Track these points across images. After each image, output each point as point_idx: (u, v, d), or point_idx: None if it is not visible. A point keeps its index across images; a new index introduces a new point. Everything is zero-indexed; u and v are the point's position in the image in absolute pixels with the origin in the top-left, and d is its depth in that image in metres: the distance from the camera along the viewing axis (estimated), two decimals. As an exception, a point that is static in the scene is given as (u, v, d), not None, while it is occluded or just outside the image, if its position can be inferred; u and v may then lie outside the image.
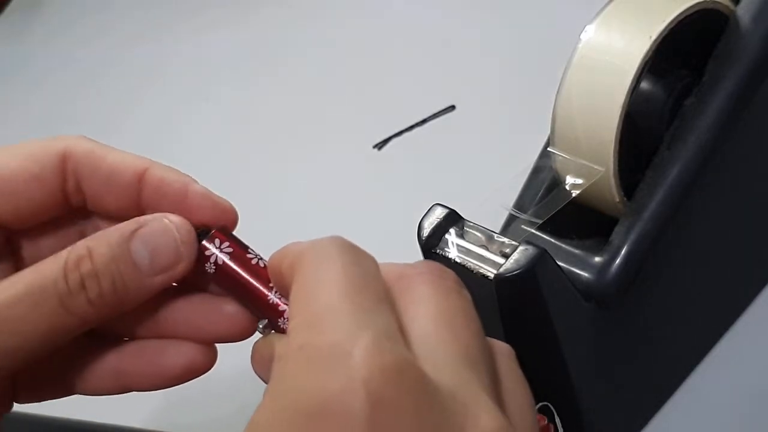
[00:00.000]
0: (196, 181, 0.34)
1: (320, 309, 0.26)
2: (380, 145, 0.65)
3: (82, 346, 0.34)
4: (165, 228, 0.32)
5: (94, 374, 0.34)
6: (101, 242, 0.32)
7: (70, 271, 0.31)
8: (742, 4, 0.40)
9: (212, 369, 0.35)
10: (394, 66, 0.71)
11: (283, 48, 0.76)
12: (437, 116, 0.66)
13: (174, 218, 0.32)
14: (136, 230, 0.32)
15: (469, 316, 0.28)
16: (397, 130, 0.65)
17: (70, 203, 0.34)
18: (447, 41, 0.71)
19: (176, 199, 0.33)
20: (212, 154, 0.69)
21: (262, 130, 0.70)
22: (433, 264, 0.29)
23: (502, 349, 0.29)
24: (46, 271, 0.31)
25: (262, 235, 0.34)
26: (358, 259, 0.28)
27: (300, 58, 0.75)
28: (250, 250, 0.33)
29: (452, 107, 0.66)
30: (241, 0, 0.83)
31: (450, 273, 0.29)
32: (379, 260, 0.29)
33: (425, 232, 0.36)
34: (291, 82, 0.73)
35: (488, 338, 0.29)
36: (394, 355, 0.24)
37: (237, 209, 0.34)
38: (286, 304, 0.31)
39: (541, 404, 0.38)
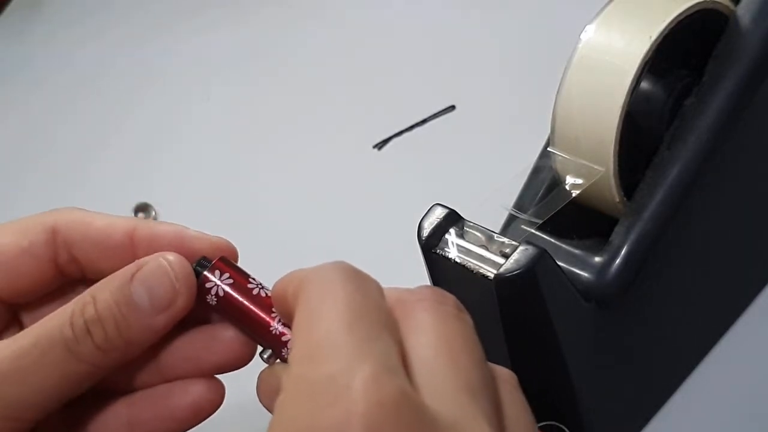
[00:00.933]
0: (187, 227, 0.34)
1: (320, 339, 0.26)
2: (380, 145, 0.65)
3: (93, 403, 0.34)
4: (159, 266, 0.32)
5: (109, 429, 0.34)
6: (104, 288, 0.32)
7: (75, 318, 0.31)
8: (742, 4, 0.40)
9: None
10: (394, 66, 0.71)
11: (283, 48, 0.76)
12: (437, 116, 0.66)
13: (170, 256, 0.33)
14: (135, 273, 0.32)
15: (470, 342, 0.27)
16: (397, 130, 0.65)
17: (65, 275, 0.35)
18: (447, 41, 0.71)
19: (173, 249, 0.33)
20: (212, 154, 0.69)
21: (262, 130, 0.70)
22: (432, 289, 0.29)
23: (504, 375, 0.29)
24: (54, 321, 0.32)
25: (262, 236, 0.34)
26: (361, 286, 0.27)
27: (300, 58, 0.75)
28: (251, 280, 0.33)
29: (452, 107, 0.66)
30: (241, 0, 0.83)
31: (450, 298, 0.28)
32: (379, 261, 0.29)
33: (425, 232, 0.36)
34: (291, 82, 0.73)
35: (490, 364, 0.28)
36: (392, 388, 0.24)
37: (236, 210, 0.34)
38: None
39: (546, 423, 0.38)
